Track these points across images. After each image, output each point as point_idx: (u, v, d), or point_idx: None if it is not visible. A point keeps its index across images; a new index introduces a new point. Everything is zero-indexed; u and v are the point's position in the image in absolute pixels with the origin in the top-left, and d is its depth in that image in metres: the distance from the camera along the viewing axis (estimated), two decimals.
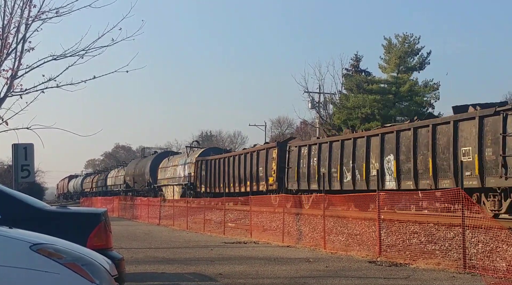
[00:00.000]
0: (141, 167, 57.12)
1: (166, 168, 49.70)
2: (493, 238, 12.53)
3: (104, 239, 7.16)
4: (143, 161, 58.89)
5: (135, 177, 58.24)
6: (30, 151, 15.05)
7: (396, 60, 48.75)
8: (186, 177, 43.88)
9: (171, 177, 47.90)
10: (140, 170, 56.93)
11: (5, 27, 15.50)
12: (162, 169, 50.85)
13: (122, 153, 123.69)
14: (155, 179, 51.53)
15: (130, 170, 61.40)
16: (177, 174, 46.40)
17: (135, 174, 58.40)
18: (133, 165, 62.17)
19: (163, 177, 50.06)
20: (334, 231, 18.03)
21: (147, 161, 56.48)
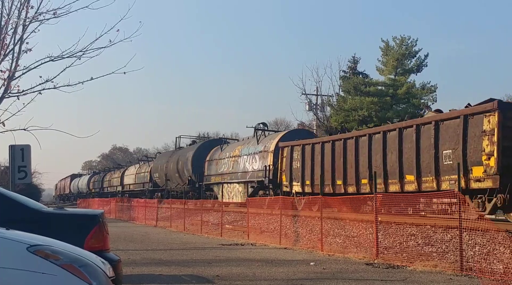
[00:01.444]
0: (178, 160, 44.08)
1: (220, 160, 37.10)
2: (490, 240, 12.53)
3: (101, 240, 7.15)
4: (181, 153, 45.20)
5: (168, 174, 45.89)
6: (27, 152, 15.04)
7: (393, 62, 48.81)
8: (259, 171, 30.92)
9: (230, 171, 35.02)
10: (177, 164, 44.05)
11: (2, 28, 15.49)
12: (212, 162, 38.44)
13: (119, 154, 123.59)
14: (200, 175, 39.04)
15: (160, 165, 48.50)
16: (241, 167, 33.57)
17: (169, 169, 45.80)
18: (163, 158, 49.48)
19: (215, 172, 37.50)
20: (332, 233, 18.02)
21: (186, 153, 43.31)
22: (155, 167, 50.57)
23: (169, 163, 46.12)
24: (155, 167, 50.68)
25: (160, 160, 50.83)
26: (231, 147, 37.21)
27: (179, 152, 46.16)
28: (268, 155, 30.13)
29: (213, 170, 37.74)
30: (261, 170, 30.37)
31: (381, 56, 50.66)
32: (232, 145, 37.97)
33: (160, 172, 48.42)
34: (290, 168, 26.57)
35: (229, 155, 35.76)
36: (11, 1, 15.56)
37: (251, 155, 32.30)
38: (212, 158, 38.53)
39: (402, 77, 48.70)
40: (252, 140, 34.08)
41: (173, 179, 45.17)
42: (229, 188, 34.93)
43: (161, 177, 48.21)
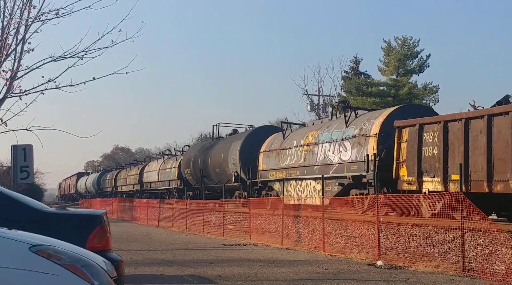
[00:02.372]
0: (219, 152, 35.85)
1: (282, 150, 28.38)
2: (492, 241, 12.51)
3: (104, 240, 7.15)
4: (222, 144, 36.80)
5: (204, 169, 37.80)
6: (29, 152, 15.05)
7: (395, 63, 48.82)
8: (351, 162, 22.41)
9: (300, 164, 26.33)
10: (217, 157, 35.85)
11: (4, 28, 15.51)
12: (270, 153, 29.65)
13: (121, 155, 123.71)
14: (251, 170, 30.38)
15: (194, 159, 40.08)
16: (319, 158, 24.88)
17: (205, 164, 37.59)
18: (197, 151, 40.61)
19: (275, 165, 28.85)
20: (333, 233, 18.01)
21: (231, 143, 34.65)
22: (186, 162, 41.68)
23: (206, 156, 37.64)
24: (185, 162, 41.82)
25: (193, 153, 41.60)
26: (299, 133, 28.13)
27: (219, 143, 37.62)
28: (368, 141, 21.48)
29: (272, 163, 29.03)
30: (356, 161, 21.96)
31: (383, 56, 50.70)
32: (299, 131, 28.70)
33: (194, 167, 39.81)
34: (419, 157, 18.75)
35: (297, 143, 26.97)
36: (13, 1, 15.59)
37: (337, 142, 23.48)
38: (269, 148, 29.89)
39: (404, 78, 48.71)
40: (334, 122, 25.32)
41: (212, 175, 36.81)
42: (299, 186, 26.02)
43: (194, 173, 39.86)
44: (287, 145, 28.08)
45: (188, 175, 41.37)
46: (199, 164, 38.58)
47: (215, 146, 37.70)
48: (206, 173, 37.68)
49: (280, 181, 27.81)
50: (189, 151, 44.10)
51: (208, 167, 37.12)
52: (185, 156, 43.47)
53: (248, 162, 31.21)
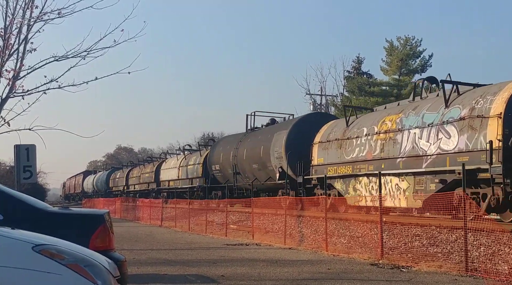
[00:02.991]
0: (258, 145, 30.61)
1: (347, 140, 22.96)
2: (495, 241, 12.50)
3: (107, 240, 7.15)
4: (261, 135, 31.58)
5: (238, 165, 32.69)
6: (32, 152, 15.08)
7: (397, 62, 48.83)
8: (459, 153, 17.02)
9: (376, 157, 20.84)
10: (255, 150, 30.73)
11: (7, 28, 15.55)
12: (329, 144, 24.20)
13: (124, 154, 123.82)
14: (302, 165, 25.72)
15: (223, 154, 35.22)
16: (405, 148, 19.47)
17: (239, 159, 32.56)
18: (229, 144, 35.32)
19: (336, 159, 23.44)
20: (336, 233, 18.00)
21: (273, 134, 29.36)
22: (214, 157, 36.79)
23: (240, 150, 32.59)
24: (213, 157, 36.93)
25: (222, 146, 36.66)
26: (369, 118, 22.64)
27: (256, 135, 32.36)
28: (487, 123, 16.00)
29: (331, 156, 23.75)
30: (467, 150, 16.55)
31: (386, 56, 50.73)
32: (368, 116, 23.28)
33: (223, 163, 35.01)
34: None
35: (369, 131, 21.48)
36: (15, 1, 15.63)
37: (434, 127, 18.11)
38: (327, 137, 24.46)
39: (406, 77, 48.71)
40: (423, 103, 19.77)
41: (248, 172, 31.67)
42: (373, 183, 20.60)
43: (224, 169, 35.15)
44: (353, 133, 22.51)
45: (216, 172, 36.40)
46: (231, 159, 33.46)
47: (251, 137, 32.51)
48: (241, 169, 32.42)
49: (344, 178, 22.63)
50: (218, 145, 38.60)
51: (243, 162, 32.05)
52: (213, 150, 37.97)
53: (296, 156, 26.30)
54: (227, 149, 34.94)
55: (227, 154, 34.59)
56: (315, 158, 25.16)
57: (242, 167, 32.36)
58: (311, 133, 26.05)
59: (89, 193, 78.97)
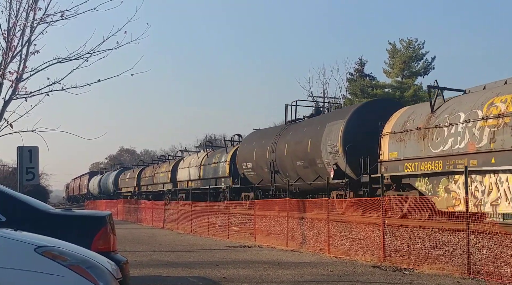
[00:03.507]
0: (304, 139, 26.18)
1: (432, 128, 18.52)
2: (498, 244, 12.49)
3: (109, 242, 7.16)
4: (307, 127, 27.12)
5: (278, 162, 28.33)
6: (34, 154, 15.09)
7: (400, 65, 48.82)
8: None
9: (479, 150, 16.44)
10: (300, 145, 26.35)
11: (10, 29, 15.57)
12: (404, 135, 19.85)
13: (126, 156, 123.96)
14: (368, 161, 21.64)
15: (258, 150, 30.69)
16: None
17: (278, 155, 28.20)
18: (264, 138, 30.91)
19: (416, 153, 19.15)
20: (338, 235, 18.00)
21: (323, 125, 24.93)
22: (245, 154, 32.43)
23: (279, 145, 28.28)
24: (243, 154, 32.65)
25: (255, 142, 32.05)
26: (465, 101, 17.86)
27: (301, 126, 28.03)
28: None
29: (410, 150, 19.33)
30: None
31: (388, 58, 50.71)
32: (463, 99, 18.43)
33: (258, 160, 30.55)
34: None
35: (469, 116, 17.05)
36: (19, 3, 15.65)
37: None
38: (403, 127, 19.84)
39: (409, 80, 48.68)
40: None
41: (289, 170, 27.44)
42: (477, 183, 16.15)
43: (258, 168, 30.70)
44: (442, 120, 18.14)
45: (248, 171, 31.92)
46: (268, 155, 29.13)
47: (294, 130, 28.13)
48: (281, 166, 28.13)
49: (430, 176, 18.28)
50: (249, 140, 33.90)
51: (283, 159, 27.74)
52: (243, 146, 33.57)
53: (357, 150, 22.09)
54: (262, 144, 30.39)
55: (262, 150, 30.10)
56: (385, 152, 20.51)
57: (282, 165, 28.05)
58: (376, 123, 21.74)
59: (95, 194, 75.18)
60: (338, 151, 23.06)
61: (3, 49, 15.49)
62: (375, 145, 21.11)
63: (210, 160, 38.89)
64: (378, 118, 21.84)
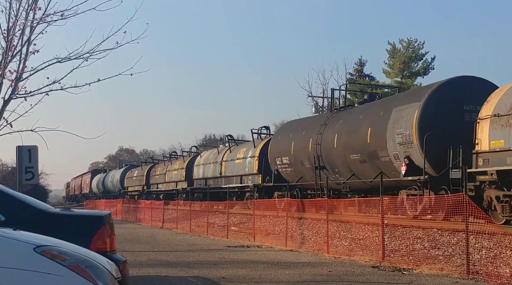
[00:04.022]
0: (362, 127, 22.19)
1: None
2: (497, 244, 12.49)
3: (108, 241, 7.16)
4: (364, 113, 23.12)
5: (324, 156, 24.52)
6: (34, 153, 15.11)
7: (400, 65, 48.85)
8: None
9: None
10: (355, 135, 22.50)
11: (10, 29, 15.59)
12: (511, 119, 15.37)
13: (125, 156, 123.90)
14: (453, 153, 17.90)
15: (297, 142, 26.97)
16: None
17: (326, 147, 24.34)
18: (305, 129, 27.14)
19: None
20: (338, 235, 18.00)
21: (389, 110, 20.88)
22: (279, 148, 28.49)
23: (326, 135, 24.28)
24: (277, 148, 28.70)
25: (293, 133, 28.15)
26: None
27: (354, 113, 23.89)
28: None
29: None
30: None
31: (388, 58, 50.74)
32: None
33: (296, 154, 26.73)
34: None
35: None
36: (18, 2, 15.67)
37: None
38: (510, 108, 15.69)
39: (408, 80, 48.71)
40: None
41: (340, 166, 23.59)
42: None
43: (296, 163, 26.78)
44: None
45: (283, 167, 27.92)
46: (311, 148, 25.12)
47: (345, 118, 24.03)
48: (327, 162, 24.20)
49: None
50: (285, 131, 29.94)
51: (332, 153, 23.64)
52: (276, 138, 29.55)
53: (437, 139, 18.36)
54: (303, 136, 26.39)
55: (302, 143, 26.02)
56: (484, 141, 16.24)
57: (329, 159, 24.05)
58: (459, 105, 18.70)
59: (98, 193, 71.68)
60: (412, 141, 18.76)
61: (3, 48, 15.52)
62: (461, 132, 17.61)
63: (233, 156, 34.92)
64: (463, 99, 18.75)
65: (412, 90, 22.13)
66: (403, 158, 19.35)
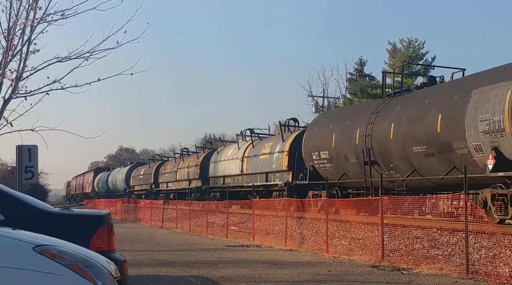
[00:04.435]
0: (429, 113, 18.42)
1: None
2: (497, 244, 12.49)
3: (107, 241, 7.17)
4: (429, 95, 19.28)
5: (376, 149, 20.85)
6: (34, 153, 15.11)
7: (400, 65, 48.79)
8: None
9: None
10: (419, 123, 18.78)
11: (10, 29, 15.61)
12: None
13: (125, 155, 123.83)
14: None
15: (339, 133, 23.33)
16: None
17: (379, 138, 20.65)
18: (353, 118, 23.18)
19: None
20: (337, 235, 18.00)
21: (468, 90, 17.01)
22: (317, 140, 24.79)
23: (379, 124, 20.67)
24: (315, 140, 24.99)
25: (333, 123, 24.20)
26: None
27: (416, 97, 20.17)
28: None
29: None
30: None
31: (388, 58, 50.71)
32: None
33: (339, 148, 22.95)
34: None
35: None
36: (19, 2, 15.69)
37: None
38: None
39: (409, 80, 48.66)
40: None
41: (397, 160, 20.03)
42: None
43: (338, 158, 23.04)
44: None
45: (321, 163, 24.18)
46: (358, 140, 21.41)
47: (402, 104, 20.35)
48: (380, 155, 20.47)
49: None
50: (322, 122, 26.07)
51: (387, 145, 20.09)
52: (312, 130, 25.76)
53: None
54: (347, 126, 22.74)
55: (346, 134, 22.48)
56: None
57: (383, 152, 20.32)
58: None
59: (102, 192, 68.45)
60: (504, 129, 15.35)
61: (3, 48, 15.54)
62: None
63: (257, 151, 31.12)
64: None
65: (497, 67, 17.21)
66: (489, 150, 15.87)
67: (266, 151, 30.16)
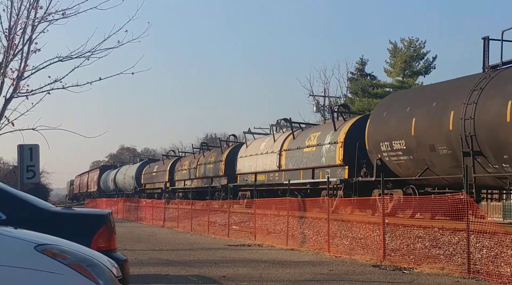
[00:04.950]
0: None
1: None
2: (498, 243, 12.49)
3: (109, 240, 7.16)
4: None
5: (481, 136, 15.31)
6: (35, 152, 15.11)
7: (401, 64, 48.83)
8: None
9: None
10: None
11: (11, 28, 15.63)
12: None
13: (127, 155, 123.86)
14: None
15: (420, 118, 17.75)
16: None
17: (489, 122, 15.16)
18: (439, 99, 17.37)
19: None
20: (339, 234, 18.00)
21: None
22: (388, 127, 19.59)
23: (484, 104, 15.61)
24: (385, 127, 19.76)
25: (410, 106, 18.79)
26: None
27: None
28: None
29: None
30: None
31: (389, 58, 50.71)
32: None
33: (421, 136, 17.77)
34: None
35: None
36: (20, 1, 15.70)
37: None
38: None
39: (410, 79, 48.67)
40: None
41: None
42: None
43: (420, 149, 17.90)
44: None
45: (394, 155, 19.02)
46: (452, 126, 16.45)
47: None
48: (488, 144, 15.36)
49: None
50: (395, 103, 20.54)
51: (501, 130, 15.06)
52: (380, 115, 20.45)
53: None
54: (433, 108, 17.62)
55: (434, 117, 17.46)
56: None
57: (493, 140, 15.33)
58: None
59: (109, 191, 63.38)
60: None
61: (4, 47, 15.56)
62: None
63: (300, 142, 26.34)
64: None
65: None
66: None
67: (313, 143, 25.04)
